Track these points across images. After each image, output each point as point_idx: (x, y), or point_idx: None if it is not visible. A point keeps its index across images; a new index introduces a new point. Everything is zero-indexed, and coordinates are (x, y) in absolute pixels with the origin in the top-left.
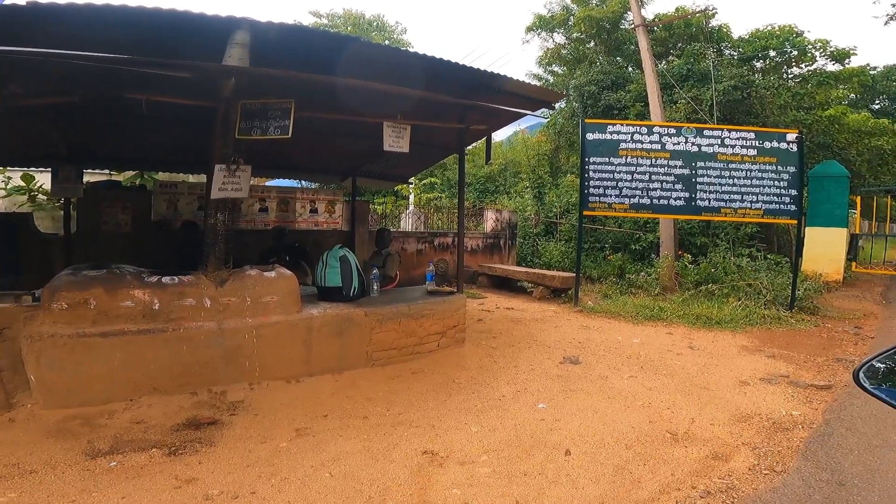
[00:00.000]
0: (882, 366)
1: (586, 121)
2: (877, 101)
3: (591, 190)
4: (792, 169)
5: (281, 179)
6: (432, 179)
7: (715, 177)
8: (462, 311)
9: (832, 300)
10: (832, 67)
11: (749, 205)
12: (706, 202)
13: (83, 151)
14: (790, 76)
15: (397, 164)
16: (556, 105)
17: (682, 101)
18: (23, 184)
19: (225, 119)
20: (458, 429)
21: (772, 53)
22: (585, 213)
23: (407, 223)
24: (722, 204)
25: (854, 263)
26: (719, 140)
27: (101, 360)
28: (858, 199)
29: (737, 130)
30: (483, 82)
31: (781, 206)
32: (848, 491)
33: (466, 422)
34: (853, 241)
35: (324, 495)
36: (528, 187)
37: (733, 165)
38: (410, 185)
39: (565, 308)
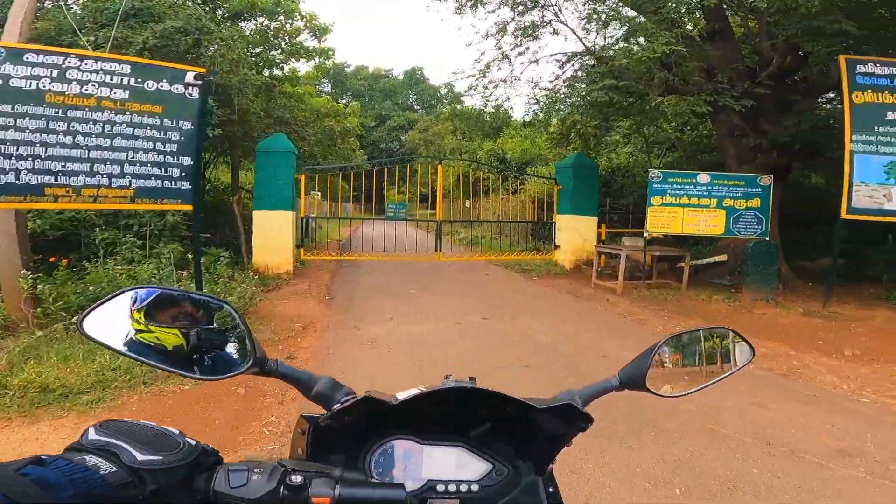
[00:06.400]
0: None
1: None
2: (344, 98)
3: None
4: (187, 126)
5: None
6: None
7: (35, 131)
8: None
9: (278, 302)
10: (311, 43)
11: (107, 180)
12: (26, 175)
13: None
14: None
15: None
16: None
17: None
18: None
19: None
20: None
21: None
22: None
23: None
24: (49, 179)
25: (303, 251)
26: (58, 69)
27: None
28: (303, 178)
29: (101, 58)
30: None
31: (167, 182)
32: None
33: None
34: (306, 223)
35: None
36: None
37: (79, 114)
38: None
39: None
